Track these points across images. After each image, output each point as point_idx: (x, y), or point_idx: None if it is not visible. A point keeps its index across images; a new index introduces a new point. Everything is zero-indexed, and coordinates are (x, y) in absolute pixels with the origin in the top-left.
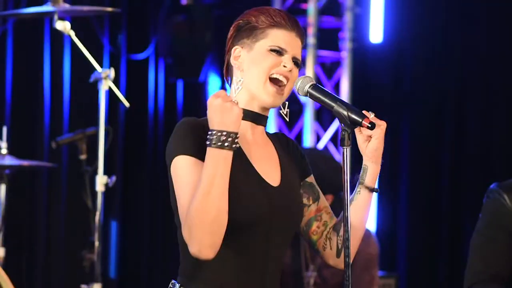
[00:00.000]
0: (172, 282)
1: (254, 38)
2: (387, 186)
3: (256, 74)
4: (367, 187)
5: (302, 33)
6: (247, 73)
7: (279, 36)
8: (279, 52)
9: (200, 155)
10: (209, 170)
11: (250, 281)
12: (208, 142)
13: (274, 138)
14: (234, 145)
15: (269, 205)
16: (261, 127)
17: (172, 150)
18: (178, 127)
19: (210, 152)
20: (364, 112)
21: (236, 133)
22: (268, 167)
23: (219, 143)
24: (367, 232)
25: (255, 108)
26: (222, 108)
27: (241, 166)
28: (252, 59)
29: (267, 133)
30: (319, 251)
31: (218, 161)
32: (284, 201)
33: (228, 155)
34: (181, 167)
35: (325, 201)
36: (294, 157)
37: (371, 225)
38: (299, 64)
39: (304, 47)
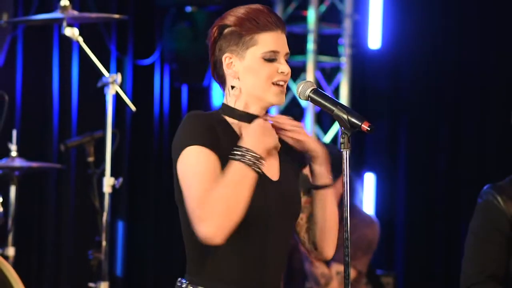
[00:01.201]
0: (179, 280)
1: (243, 46)
2: (385, 188)
3: (255, 82)
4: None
5: (284, 25)
6: (245, 81)
7: (268, 41)
8: (272, 58)
9: (211, 145)
10: (235, 177)
11: (254, 275)
12: (237, 157)
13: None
14: (259, 170)
15: (268, 200)
16: None
17: (180, 142)
18: (185, 119)
19: (238, 166)
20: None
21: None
22: (268, 163)
23: (250, 163)
24: (370, 218)
25: (254, 111)
26: (264, 130)
27: None
28: (246, 68)
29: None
30: (302, 242)
31: (246, 175)
32: (283, 195)
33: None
34: (193, 157)
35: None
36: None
37: None
38: (288, 56)
39: (305, 53)
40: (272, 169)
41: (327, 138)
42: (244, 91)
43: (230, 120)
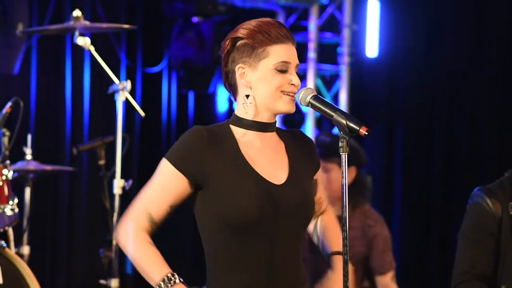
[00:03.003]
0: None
1: (256, 58)
2: (382, 190)
3: (267, 92)
4: None
5: (293, 38)
6: (257, 91)
7: (280, 53)
8: (284, 69)
9: (184, 168)
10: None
11: (265, 280)
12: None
13: (288, 136)
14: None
15: (271, 205)
16: (269, 133)
17: (169, 150)
18: (186, 133)
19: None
20: None
21: None
22: (274, 169)
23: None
24: (380, 217)
25: (264, 119)
26: None
27: (242, 171)
28: (259, 78)
29: (282, 132)
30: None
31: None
32: (289, 198)
33: None
34: (160, 170)
35: (318, 193)
36: (307, 153)
37: None
38: (298, 67)
39: (305, 61)
40: (276, 173)
41: None
42: (256, 100)
43: (236, 129)
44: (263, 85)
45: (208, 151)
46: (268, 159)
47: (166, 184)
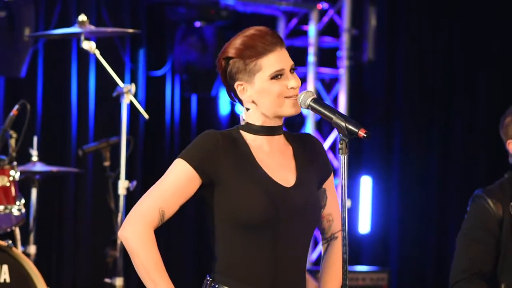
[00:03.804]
0: (207, 277)
1: (250, 73)
2: (381, 189)
3: (269, 102)
4: None
5: (281, 40)
6: (259, 103)
7: (272, 62)
8: (279, 75)
9: (200, 168)
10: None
11: (267, 278)
12: None
13: (296, 140)
14: None
15: (277, 206)
16: (277, 136)
17: (182, 152)
18: (199, 136)
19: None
20: None
21: None
22: (284, 172)
23: None
24: None
25: (270, 123)
26: None
27: (254, 174)
28: (258, 91)
29: (290, 135)
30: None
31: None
32: (297, 200)
33: None
34: (175, 169)
35: (329, 208)
36: (315, 157)
37: (367, 225)
38: (294, 67)
39: (306, 64)
40: (286, 176)
41: (327, 144)
42: (260, 110)
43: (246, 134)
44: (263, 97)
45: (222, 153)
46: (278, 162)
47: (181, 183)
